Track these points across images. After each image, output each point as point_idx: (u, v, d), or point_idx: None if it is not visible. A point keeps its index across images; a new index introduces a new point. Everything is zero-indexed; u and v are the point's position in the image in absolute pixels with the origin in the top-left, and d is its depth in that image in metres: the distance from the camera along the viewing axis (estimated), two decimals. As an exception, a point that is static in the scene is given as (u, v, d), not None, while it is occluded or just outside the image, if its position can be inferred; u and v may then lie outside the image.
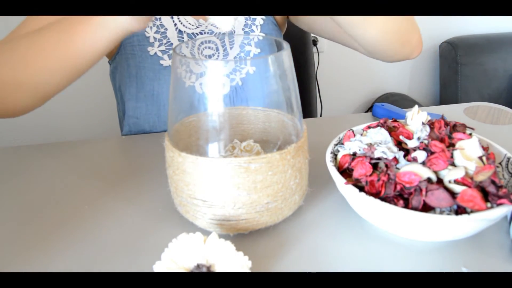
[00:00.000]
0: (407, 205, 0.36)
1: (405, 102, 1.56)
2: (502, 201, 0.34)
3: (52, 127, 1.44)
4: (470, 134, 0.43)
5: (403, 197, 0.37)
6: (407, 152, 0.41)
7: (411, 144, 0.41)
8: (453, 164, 0.38)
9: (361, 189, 0.38)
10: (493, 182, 0.35)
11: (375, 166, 0.40)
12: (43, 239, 0.41)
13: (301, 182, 0.41)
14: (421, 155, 0.39)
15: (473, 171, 0.37)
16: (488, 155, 0.40)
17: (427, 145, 0.40)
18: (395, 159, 0.39)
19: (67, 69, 0.49)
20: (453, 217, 0.33)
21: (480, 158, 0.39)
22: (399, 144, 0.42)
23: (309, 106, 1.16)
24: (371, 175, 0.39)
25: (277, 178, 0.38)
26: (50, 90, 0.52)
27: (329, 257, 0.38)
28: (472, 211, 0.34)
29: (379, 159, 0.40)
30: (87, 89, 1.38)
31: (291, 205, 0.41)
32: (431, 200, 0.35)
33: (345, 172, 0.42)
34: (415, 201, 0.36)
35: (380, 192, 0.37)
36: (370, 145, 0.41)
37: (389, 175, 0.37)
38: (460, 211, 0.36)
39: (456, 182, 0.36)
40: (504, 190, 0.35)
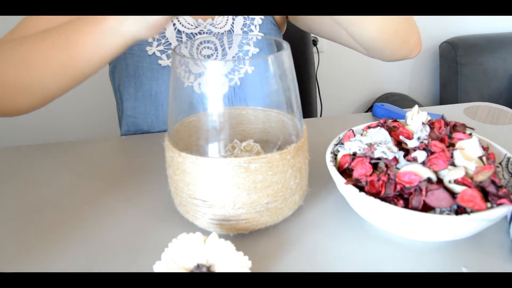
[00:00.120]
0: (407, 205, 0.36)
1: (405, 102, 1.56)
2: (502, 201, 0.34)
3: (52, 127, 1.44)
4: (470, 134, 0.43)
5: (403, 197, 0.37)
6: (407, 152, 0.41)
7: (411, 144, 0.41)
8: (453, 164, 0.38)
9: (361, 189, 0.38)
10: (493, 182, 0.35)
11: (375, 166, 0.40)
12: (43, 239, 0.41)
13: (301, 182, 0.41)
14: (421, 155, 0.39)
15: (473, 171, 0.37)
16: (488, 155, 0.40)
17: (427, 145, 0.40)
18: (395, 159, 0.39)
19: (71, 73, 0.49)
20: (453, 217, 0.33)
21: (480, 158, 0.39)
22: (399, 144, 0.42)
23: (309, 106, 1.16)
24: (371, 175, 0.39)
25: (277, 178, 0.38)
26: (52, 93, 0.51)
27: (329, 257, 0.38)
28: (472, 211, 0.34)
29: (379, 159, 0.40)
30: (87, 89, 1.37)
31: (291, 205, 0.41)
32: (431, 200, 0.35)
33: (345, 172, 0.42)
34: (415, 201, 0.36)
35: (380, 192, 0.37)
36: (370, 145, 0.41)
37: (389, 175, 0.37)
38: (460, 211, 0.36)
39: (456, 182, 0.36)
40: (504, 190, 0.35)
